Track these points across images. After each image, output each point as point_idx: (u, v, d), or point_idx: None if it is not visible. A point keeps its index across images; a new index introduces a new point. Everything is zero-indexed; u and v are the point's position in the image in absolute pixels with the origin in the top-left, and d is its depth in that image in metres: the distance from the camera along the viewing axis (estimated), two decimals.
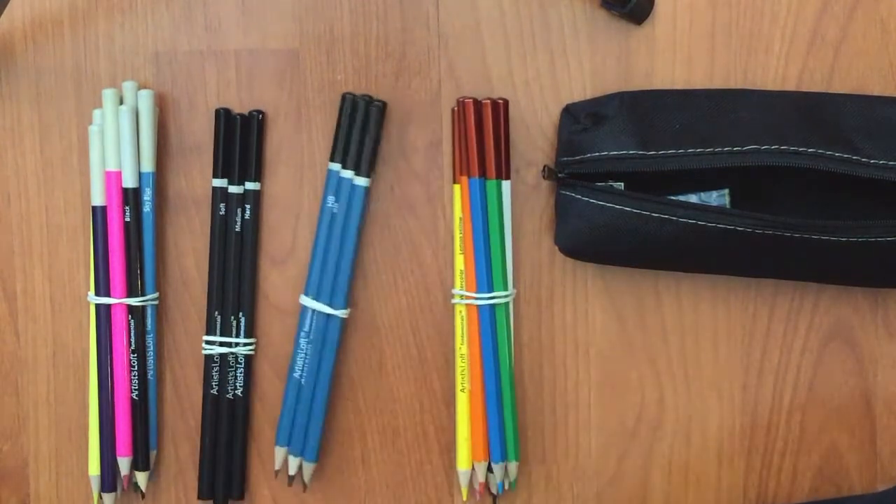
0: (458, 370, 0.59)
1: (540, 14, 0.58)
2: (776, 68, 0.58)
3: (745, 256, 0.55)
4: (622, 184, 0.56)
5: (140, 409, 0.59)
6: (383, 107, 0.58)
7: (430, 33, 0.59)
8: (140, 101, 0.58)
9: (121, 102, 0.58)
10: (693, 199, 0.57)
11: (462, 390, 0.59)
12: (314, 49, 0.59)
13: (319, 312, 0.58)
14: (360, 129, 0.58)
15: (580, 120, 0.57)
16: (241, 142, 0.59)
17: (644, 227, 0.54)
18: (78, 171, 0.60)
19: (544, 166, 0.57)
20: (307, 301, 0.58)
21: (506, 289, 0.58)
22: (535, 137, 0.59)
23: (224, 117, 0.59)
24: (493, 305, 0.58)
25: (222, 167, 0.59)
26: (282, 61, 0.59)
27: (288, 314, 0.60)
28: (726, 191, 0.57)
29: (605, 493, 0.60)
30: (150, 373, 0.59)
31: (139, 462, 0.59)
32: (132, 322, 0.58)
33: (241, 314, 0.59)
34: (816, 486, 0.60)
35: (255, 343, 0.60)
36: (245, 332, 0.59)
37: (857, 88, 0.58)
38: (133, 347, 0.58)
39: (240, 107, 0.59)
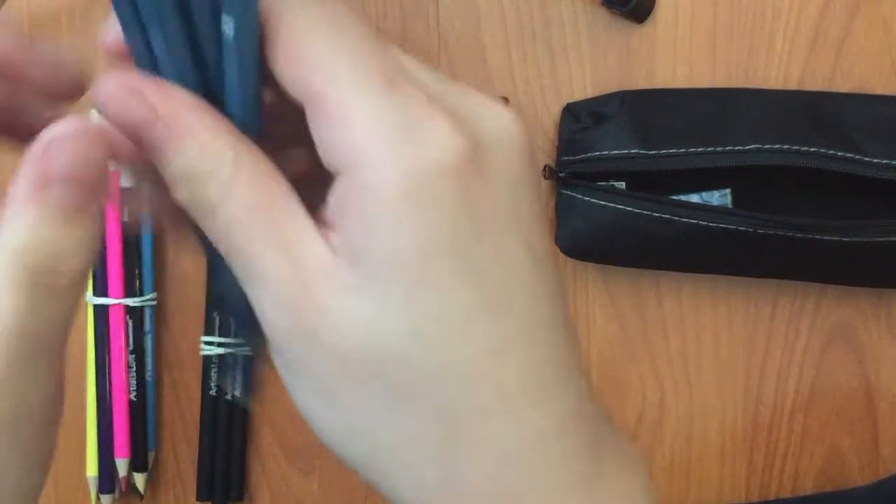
0: None
1: (540, 13, 0.58)
2: (778, 67, 0.58)
3: (747, 256, 0.55)
4: (623, 183, 0.55)
5: (138, 410, 0.58)
6: None
7: (430, 33, 0.59)
8: None
9: None
10: (695, 198, 0.57)
11: None
12: None
13: None
14: None
15: (581, 119, 0.57)
16: None
17: (645, 226, 0.54)
18: None
19: (545, 166, 0.57)
20: None
21: None
22: (535, 137, 0.59)
23: None
24: None
25: None
26: None
27: None
28: (728, 190, 0.57)
29: None
30: (149, 374, 0.59)
31: (137, 463, 0.59)
32: (130, 323, 0.58)
33: None
34: (819, 486, 0.60)
35: None
36: None
37: (859, 87, 0.58)
38: (131, 348, 0.58)
39: None
